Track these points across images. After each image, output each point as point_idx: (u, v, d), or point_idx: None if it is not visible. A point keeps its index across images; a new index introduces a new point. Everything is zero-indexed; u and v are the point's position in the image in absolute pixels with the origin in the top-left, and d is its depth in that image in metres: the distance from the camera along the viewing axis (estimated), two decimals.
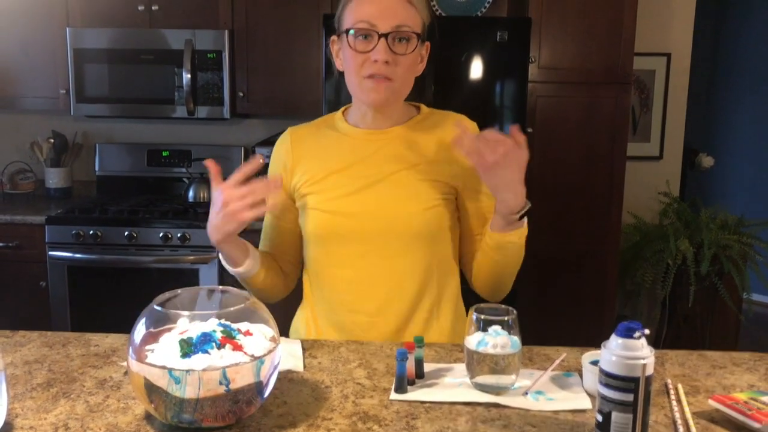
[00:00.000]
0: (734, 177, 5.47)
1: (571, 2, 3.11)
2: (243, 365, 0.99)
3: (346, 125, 1.54)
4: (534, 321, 3.06)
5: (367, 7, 1.40)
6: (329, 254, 1.50)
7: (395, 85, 1.42)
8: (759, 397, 1.11)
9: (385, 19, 1.38)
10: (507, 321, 1.18)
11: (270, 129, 3.71)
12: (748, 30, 5.34)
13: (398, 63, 1.40)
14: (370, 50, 1.39)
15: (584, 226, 3.26)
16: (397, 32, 1.39)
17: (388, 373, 1.26)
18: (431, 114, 1.57)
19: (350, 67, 1.44)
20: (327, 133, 1.56)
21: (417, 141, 1.50)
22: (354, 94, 1.49)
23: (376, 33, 1.38)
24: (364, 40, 1.40)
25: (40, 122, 3.77)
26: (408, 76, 1.46)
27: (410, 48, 1.41)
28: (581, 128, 3.19)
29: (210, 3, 3.36)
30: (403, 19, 1.40)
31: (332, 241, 1.49)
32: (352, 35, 1.40)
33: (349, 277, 1.49)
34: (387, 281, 1.48)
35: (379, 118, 1.51)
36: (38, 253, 3.17)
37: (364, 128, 1.52)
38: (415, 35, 1.41)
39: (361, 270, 1.48)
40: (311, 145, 1.55)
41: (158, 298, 1.08)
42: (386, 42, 1.38)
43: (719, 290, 3.39)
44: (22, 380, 1.20)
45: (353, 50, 1.41)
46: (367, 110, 1.50)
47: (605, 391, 1.00)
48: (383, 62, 1.38)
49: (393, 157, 1.48)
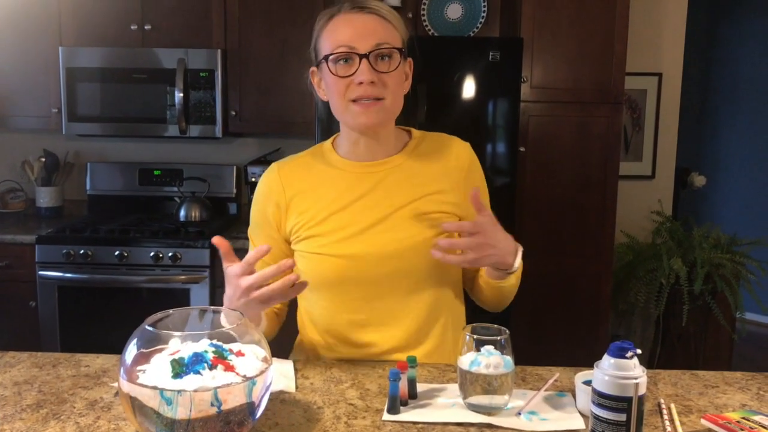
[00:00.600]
0: (726, 196, 5.50)
1: (562, 22, 3.13)
2: (235, 386, 0.98)
3: (339, 158, 1.49)
4: (528, 341, 3.07)
5: (342, 30, 1.38)
6: (337, 299, 1.45)
7: (385, 104, 1.38)
8: (751, 417, 1.11)
9: (364, 39, 1.35)
10: (500, 341, 1.17)
11: (262, 148, 3.71)
12: (738, 50, 5.40)
13: (384, 82, 1.37)
14: (353, 73, 1.35)
15: (577, 245, 3.26)
16: (378, 50, 1.36)
17: (381, 393, 1.25)
18: (423, 138, 1.53)
19: (334, 94, 1.40)
20: (319, 167, 1.50)
21: (415, 170, 1.46)
22: (343, 121, 1.45)
23: (357, 54, 1.35)
24: (345, 64, 1.36)
25: (31, 141, 3.76)
26: (397, 94, 1.41)
27: (393, 65, 1.38)
28: (574, 148, 3.20)
29: (203, 22, 3.38)
30: (381, 36, 1.36)
31: (341, 287, 1.43)
32: (332, 61, 1.37)
33: (359, 321, 1.44)
34: (400, 320, 1.44)
35: (372, 146, 1.46)
36: (28, 272, 3.14)
37: (356, 160, 1.47)
38: (396, 50, 1.38)
39: (372, 312, 1.43)
40: (303, 181, 1.48)
41: (150, 319, 1.07)
42: (368, 62, 1.34)
43: (712, 309, 3.39)
44: (11, 401, 1.19)
45: (335, 76, 1.37)
46: (359, 138, 1.46)
47: (598, 411, 1.00)
48: (369, 83, 1.34)
49: (393, 191, 1.44)
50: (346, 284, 1.43)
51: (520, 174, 3.14)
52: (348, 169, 1.48)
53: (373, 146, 1.47)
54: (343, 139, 1.50)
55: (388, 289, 1.43)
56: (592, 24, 3.13)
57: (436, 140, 1.53)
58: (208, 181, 3.61)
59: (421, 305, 1.45)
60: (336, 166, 1.49)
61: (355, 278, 1.42)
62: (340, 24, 1.39)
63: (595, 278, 3.29)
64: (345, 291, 1.44)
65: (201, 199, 3.52)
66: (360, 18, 1.38)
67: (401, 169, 1.47)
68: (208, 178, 3.63)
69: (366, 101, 1.37)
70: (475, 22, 3.27)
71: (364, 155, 1.47)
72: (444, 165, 1.48)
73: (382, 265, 1.41)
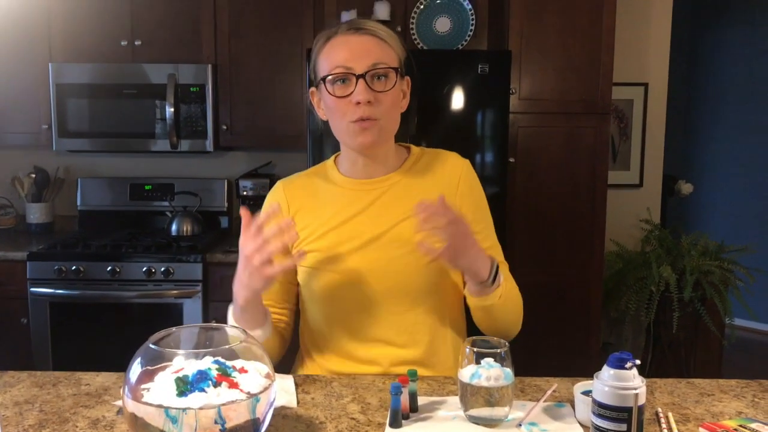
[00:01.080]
0: (713, 203, 5.56)
1: (549, 35, 3.17)
2: (239, 403, 0.99)
3: (339, 175, 1.53)
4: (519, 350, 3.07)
5: (339, 51, 1.40)
6: (335, 314, 1.47)
7: (381, 124, 1.41)
8: (748, 424, 1.13)
9: (360, 60, 1.38)
10: (500, 353, 1.19)
11: (253, 162, 3.72)
12: (722, 58, 5.47)
13: (380, 101, 1.39)
14: (350, 93, 1.38)
15: (567, 254, 3.29)
16: (374, 70, 1.38)
17: (382, 407, 1.26)
18: (422, 154, 1.55)
19: (333, 114, 1.43)
20: (320, 185, 1.53)
21: (412, 187, 1.49)
22: (342, 140, 1.48)
23: (353, 75, 1.38)
24: (342, 85, 1.39)
25: (21, 157, 3.76)
26: (393, 113, 1.44)
27: (389, 84, 1.41)
28: (562, 158, 3.23)
29: (193, 37, 3.39)
30: (377, 57, 1.39)
31: (339, 302, 1.45)
32: (330, 82, 1.40)
33: (358, 336, 1.46)
34: (399, 336, 1.45)
35: (371, 164, 1.49)
36: (19, 289, 3.13)
37: (356, 178, 1.50)
38: (392, 70, 1.41)
39: (370, 328, 1.45)
40: (306, 198, 1.52)
41: (153, 337, 1.08)
42: (365, 82, 1.37)
43: (702, 315, 3.42)
44: (13, 422, 1.19)
45: (333, 96, 1.40)
46: (358, 157, 1.49)
47: (598, 422, 1.01)
48: (365, 103, 1.37)
49: (390, 207, 1.46)
50: (343, 300, 1.45)
51: (510, 184, 3.16)
52: (347, 186, 1.51)
53: (372, 164, 1.50)
54: (344, 157, 1.54)
55: (386, 305, 1.44)
56: (578, 36, 3.17)
57: (433, 156, 1.55)
58: (200, 196, 3.61)
59: (420, 321, 1.46)
60: (336, 183, 1.52)
61: (352, 294, 1.43)
62: (336, 45, 1.41)
63: (585, 287, 3.32)
64: (342, 307, 1.46)
65: (192, 214, 3.52)
66: (356, 39, 1.41)
67: (399, 186, 1.49)
68: (200, 192, 3.64)
69: (363, 120, 1.39)
70: (464, 35, 3.30)
71: (363, 173, 1.50)
72: (439, 181, 1.50)
73: (378, 281, 1.43)
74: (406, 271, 1.43)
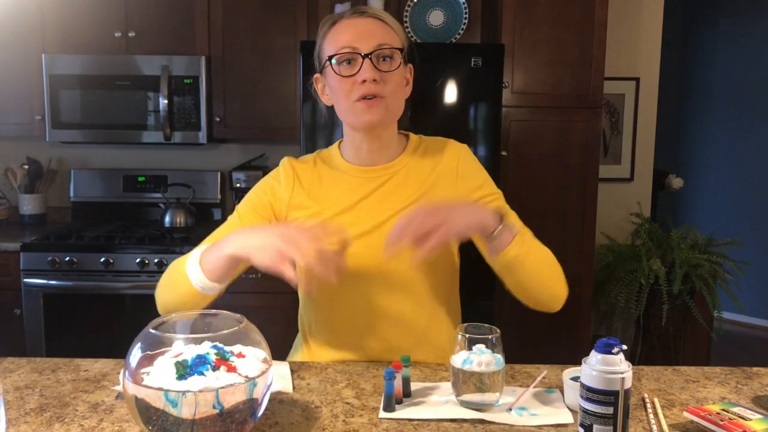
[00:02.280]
0: (703, 197, 5.61)
1: (542, 29, 3.19)
2: (237, 386, 1.01)
3: (343, 161, 1.54)
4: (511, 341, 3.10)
5: (345, 33, 1.42)
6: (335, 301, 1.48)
7: (387, 102, 1.42)
8: (730, 408, 1.16)
9: (366, 41, 1.40)
10: (491, 339, 1.21)
11: (246, 154, 3.74)
12: (714, 54, 5.51)
13: (386, 80, 1.41)
14: (356, 73, 1.40)
15: (558, 247, 3.24)
16: (380, 50, 1.40)
17: (376, 392, 1.29)
18: (421, 141, 1.57)
19: (339, 94, 1.43)
20: (325, 170, 1.54)
21: (412, 175, 1.50)
22: (347, 121, 1.48)
23: (359, 54, 1.39)
24: (348, 66, 1.41)
25: (14, 148, 3.76)
26: (398, 94, 1.45)
27: (395, 65, 1.42)
28: (554, 151, 3.26)
29: (186, 29, 3.40)
30: (382, 38, 1.41)
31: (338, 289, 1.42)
32: (335, 62, 1.41)
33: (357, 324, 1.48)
34: (397, 323, 1.48)
35: (374, 150, 1.50)
36: (13, 280, 3.14)
37: (359, 164, 1.52)
38: (397, 51, 1.42)
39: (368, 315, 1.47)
40: (311, 181, 1.53)
41: (153, 322, 1.10)
42: (371, 61, 1.39)
43: (691, 309, 3.46)
44: (14, 406, 1.21)
45: (339, 76, 1.41)
46: (362, 142, 1.49)
47: (586, 405, 1.04)
48: (371, 81, 1.38)
49: (392, 195, 1.48)
50: (343, 286, 1.43)
51: (503, 178, 3.19)
52: (350, 172, 1.52)
53: (375, 150, 1.51)
54: (347, 143, 1.54)
55: (386, 292, 1.46)
56: (571, 30, 3.20)
57: (432, 144, 1.56)
58: (193, 187, 3.63)
59: (418, 306, 1.49)
60: (339, 168, 1.54)
61: (351, 281, 1.44)
62: (342, 28, 1.43)
63: (576, 279, 3.32)
64: (342, 293, 1.47)
65: (186, 205, 3.53)
66: (361, 21, 1.43)
67: (399, 174, 1.51)
68: (193, 184, 3.65)
69: (369, 98, 1.40)
70: (457, 28, 3.32)
71: (366, 159, 1.52)
72: (438, 167, 1.51)
73: (378, 269, 1.44)
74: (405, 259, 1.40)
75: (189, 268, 1.34)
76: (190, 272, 1.33)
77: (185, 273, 1.34)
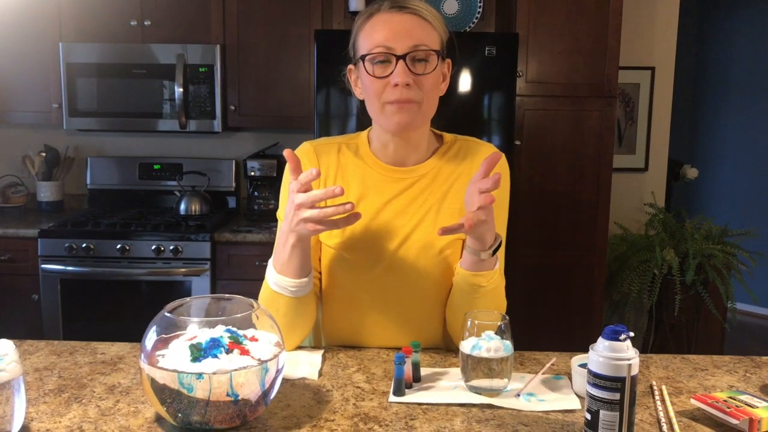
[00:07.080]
0: (718, 188, 5.58)
1: (557, 18, 3.19)
2: (250, 369, 1.04)
3: (369, 153, 1.48)
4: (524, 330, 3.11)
5: (381, 30, 1.36)
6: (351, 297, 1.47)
7: (420, 107, 1.37)
8: (737, 396, 1.17)
9: (401, 41, 1.34)
10: (500, 326, 1.23)
11: (261, 142, 3.76)
12: (730, 43, 5.47)
13: (420, 84, 1.35)
14: (389, 74, 1.34)
15: (572, 236, 3.32)
16: (415, 52, 1.34)
17: (386, 377, 1.31)
18: (454, 142, 1.52)
19: (370, 94, 1.38)
20: (350, 158, 1.49)
21: (441, 179, 1.46)
22: (376, 121, 1.44)
23: (394, 56, 1.34)
24: (381, 65, 1.35)
25: (32, 136, 3.81)
26: (431, 97, 1.39)
27: (430, 67, 1.36)
28: (568, 141, 3.26)
29: (202, 18, 3.42)
30: (419, 38, 1.35)
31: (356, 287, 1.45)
32: (369, 61, 1.36)
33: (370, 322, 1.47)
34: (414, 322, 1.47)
35: (402, 150, 1.45)
36: (30, 266, 3.19)
37: (386, 162, 1.47)
38: (434, 53, 1.36)
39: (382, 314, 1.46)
40: (333, 167, 1.48)
41: (168, 306, 1.13)
42: (405, 63, 1.33)
43: (704, 299, 3.45)
44: (34, 386, 1.24)
45: (372, 76, 1.36)
46: (390, 141, 1.45)
47: (593, 391, 1.06)
48: (404, 85, 1.33)
49: (419, 199, 1.45)
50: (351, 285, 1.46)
51: (516, 167, 3.19)
52: (376, 169, 1.47)
53: (403, 150, 1.46)
54: (375, 137, 1.49)
55: (404, 294, 1.45)
56: (586, 19, 3.18)
57: (464, 146, 1.51)
58: (208, 176, 3.66)
59: (436, 310, 1.48)
60: (365, 160, 1.48)
61: (372, 280, 1.44)
62: (378, 24, 1.37)
63: (589, 269, 3.35)
64: (350, 291, 1.46)
65: (201, 193, 3.57)
66: (398, 18, 1.36)
67: (428, 177, 1.46)
68: (208, 172, 3.68)
69: (400, 103, 1.35)
70: (471, 17, 3.32)
71: (393, 159, 1.47)
72: (466, 173, 1.47)
73: (398, 271, 1.43)
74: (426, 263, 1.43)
75: (272, 285, 1.37)
76: (275, 285, 1.37)
77: (273, 292, 1.37)
